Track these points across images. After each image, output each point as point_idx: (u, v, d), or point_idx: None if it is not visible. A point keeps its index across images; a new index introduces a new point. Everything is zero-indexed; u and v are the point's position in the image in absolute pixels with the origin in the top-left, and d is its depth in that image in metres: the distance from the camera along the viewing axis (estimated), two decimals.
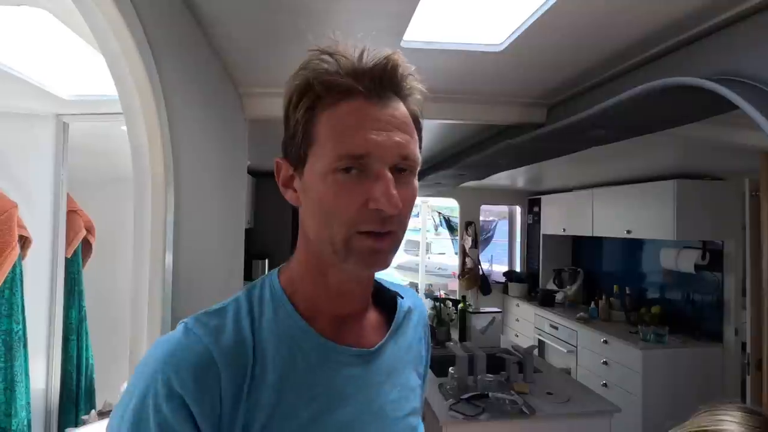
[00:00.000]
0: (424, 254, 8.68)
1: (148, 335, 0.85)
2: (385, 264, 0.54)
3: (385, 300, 0.66)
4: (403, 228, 0.54)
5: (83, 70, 1.57)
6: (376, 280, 0.66)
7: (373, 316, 0.64)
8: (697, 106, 1.28)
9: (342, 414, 0.54)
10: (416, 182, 0.56)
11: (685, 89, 1.08)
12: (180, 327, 0.53)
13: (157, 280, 0.85)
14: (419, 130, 0.57)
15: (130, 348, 0.86)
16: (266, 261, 3.94)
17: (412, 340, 0.67)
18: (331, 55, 0.52)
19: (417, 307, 0.71)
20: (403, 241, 0.58)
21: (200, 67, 1.11)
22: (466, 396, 2.03)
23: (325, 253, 0.54)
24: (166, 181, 0.86)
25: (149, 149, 0.83)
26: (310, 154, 0.53)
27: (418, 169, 0.56)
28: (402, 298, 0.67)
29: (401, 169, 0.52)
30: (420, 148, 0.58)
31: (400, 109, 0.54)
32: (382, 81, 0.52)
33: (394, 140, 0.51)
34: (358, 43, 0.53)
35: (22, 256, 1.62)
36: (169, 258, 0.87)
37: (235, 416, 0.49)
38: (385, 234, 0.52)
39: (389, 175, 0.51)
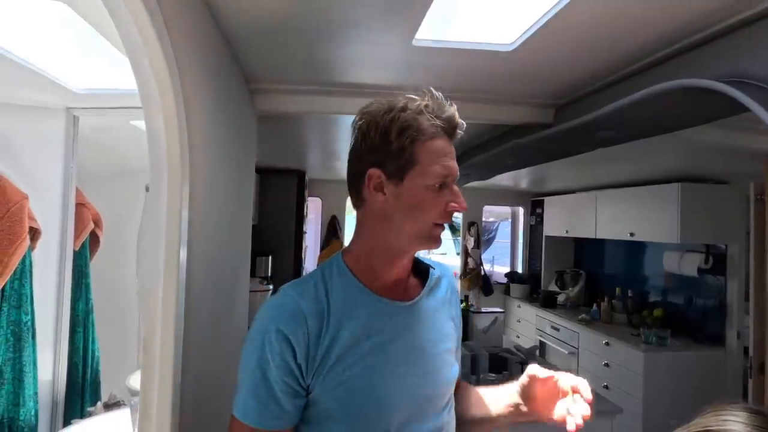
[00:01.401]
0: (426, 254, 8.68)
1: (162, 332, 0.85)
2: (441, 243, 0.82)
3: (422, 270, 0.91)
4: None
5: (94, 63, 1.58)
6: (415, 258, 0.90)
7: (413, 281, 0.89)
8: (707, 108, 1.29)
9: (391, 345, 0.80)
10: None
11: (696, 91, 1.09)
12: (279, 292, 0.80)
13: (171, 275, 0.85)
14: None
15: (144, 345, 0.86)
16: (269, 258, 3.95)
17: (443, 298, 0.92)
18: (428, 104, 0.78)
19: (446, 276, 0.96)
20: None
21: (214, 60, 1.12)
22: None
23: (403, 238, 0.80)
24: (182, 175, 0.87)
25: (166, 142, 0.83)
26: (412, 171, 0.77)
27: None
28: (433, 269, 0.92)
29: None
30: None
31: (453, 144, 0.81)
32: (454, 127, 0.80)
33: (456, 166, 0.80)
34: (435, 96, 0.80)
35: (31, 248, 1.64)
36: (183, 253, 0.88)
37: (318, 346, 0.75)
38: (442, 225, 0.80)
39: (457, 188, 0.79)
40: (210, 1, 1.00)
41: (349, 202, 4.68)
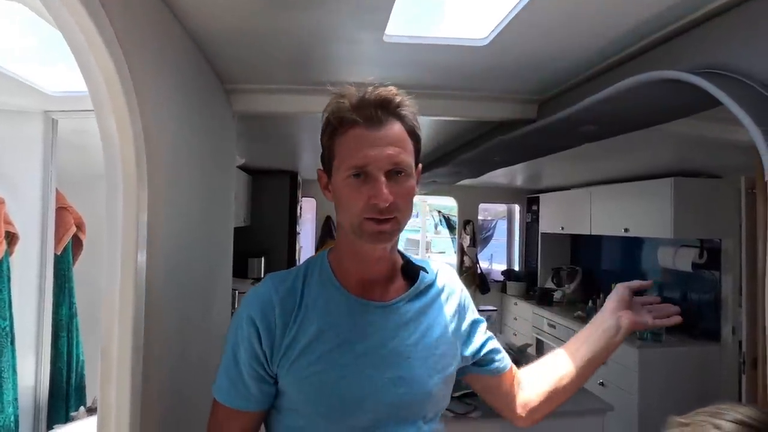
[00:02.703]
0: (424, 253, 8.66)
1: (119, 334, 0.83)
2: (387, 240, 0.77)
3: (413, 273, 0.87)
4: (402, 214, 0.76)
5: (71, 66, 1.56)
6: (407, 258, 0.89)
7: (399, 283, 0.86)
8: (687, 100, 1.26)
9: (360, 345, 0.78)
10: (412, 181, 0.77)
11: (672, 83, 1.06)
12: (262, 279, 0.84)
13: (128, 279, 0.83)
14: (416, 139, 0.79)
15: (102, 351, 0.84)
16: (262, 259, 3.93)
17: (437, 301, 0.87)
18: (342, 96, 0.76)
19: (444, 278, 0.91)
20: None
21: (179, 62, 1.10)
22: (457, 393, 2.02)
23: (349, 233, 0.78)
24: (138, 177, 0.85)
25: (120, 144, 0.82)
26: (333, 167, 0.77)
27: (412, 171, 0.77)
28: (426, 273, 0.88)
29: (397, 172, 0.74)
30: (419, 151, 0.81)
31: (395, 129, 0.75)
32: (377, 111, 0.74)
33: (386, 153, 0.73)
34: (365, 84, 0.77)
35: (9, 253, 1.62)
36: (141, 257, 0.86)
37: (284, 336, 0.77)
38: (384, 220, 0.73)
39: (382, 178, 0.73)
40: (172, 4, 0.98)
41: None
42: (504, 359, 0.97)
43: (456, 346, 0.89)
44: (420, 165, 0.82)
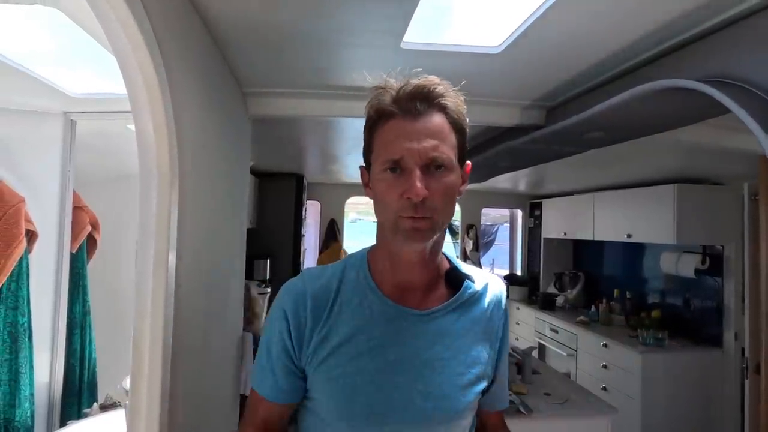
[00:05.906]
0: None
1: (151, 334, 0.86)
2: (423, 239, 0.71)
3: (457, 281, 0.82)
4: (438, 212, 0.70)
5: (92, 68, 1.60)
6: (453, 264, 0.84)
7: (441, 291, 0.81)
8: (693, 108, 1.30)
9: (391, 352, 0.75)
10: (452, 177, 0.71)
11: (681, 91, 1.10)
12: (300, 273, 0.82)
13: (160, 278, 0.87)
14: (460, 131, 0.74)
15: (134, 346, 0.87)
16: (268, 261, 3.96)
17: (479, 316, 0.82)
18: (383, 88, 0.72)
19: (493, 296, 0.85)
20: None
21: (205, 64, 1.14)
22: None
23: (386, 231, 0.74)
24: (171, 178, 0.88)
25: (156, 146, 0.85)
26: (372, 161, 0.74)
27: (453, 165, 0.71)
28: (472, 282, 0.83)
29: (436, 166, 0.69)
30: (464, 146, 0.75)
31: (435, 120, 0.71)
32: (415, 102, 0.70)
33: (422, 146, 0.68)
34: (405, 75, 0.73)
35: (28, 250, 1.65)
36: (172, 256, 0.89)
37: (314, 333, 0.75)
38: (420, 217, 0.68)
39: (417, 172, 0.68)
40: (200, 7, 1.02)
41: (347, 205, 4.60)
42: (504, 400, 0.93)
43: (490, 367, 0.83)
44: (469, 163, 0.77)
